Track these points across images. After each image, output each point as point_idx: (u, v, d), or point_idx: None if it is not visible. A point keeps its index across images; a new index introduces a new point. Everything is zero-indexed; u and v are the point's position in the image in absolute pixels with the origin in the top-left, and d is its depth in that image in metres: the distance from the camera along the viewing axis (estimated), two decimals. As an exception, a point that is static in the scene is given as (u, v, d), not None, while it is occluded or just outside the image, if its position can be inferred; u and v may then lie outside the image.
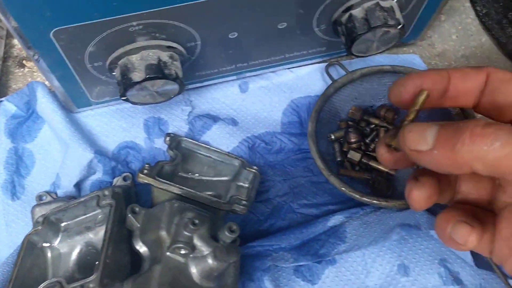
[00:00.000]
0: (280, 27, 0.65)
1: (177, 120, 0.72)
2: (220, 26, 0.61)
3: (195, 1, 0.55)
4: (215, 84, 0.75)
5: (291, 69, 0.77)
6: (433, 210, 0.64)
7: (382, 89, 0.74)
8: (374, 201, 0.61)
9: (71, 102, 0.68)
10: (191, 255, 0.50)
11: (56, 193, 0.68)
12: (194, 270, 0.50)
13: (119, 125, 0.71)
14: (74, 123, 0.69)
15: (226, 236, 0.51)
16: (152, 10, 0.54)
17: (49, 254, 0.59)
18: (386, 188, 0.68)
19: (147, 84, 0.59)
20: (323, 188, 0.70)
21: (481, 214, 0.35)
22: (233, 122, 0.73)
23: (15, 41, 0.77)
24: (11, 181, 0.67)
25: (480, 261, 0.60)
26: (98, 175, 0.68)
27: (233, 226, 0.51)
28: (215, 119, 0.73)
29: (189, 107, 0.73)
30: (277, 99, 0.75)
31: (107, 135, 0.71)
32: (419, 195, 0.34)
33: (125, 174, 0.68)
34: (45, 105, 0.68)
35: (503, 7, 0.82)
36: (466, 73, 0.37)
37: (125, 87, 0.58)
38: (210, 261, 0.50)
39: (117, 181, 0.68)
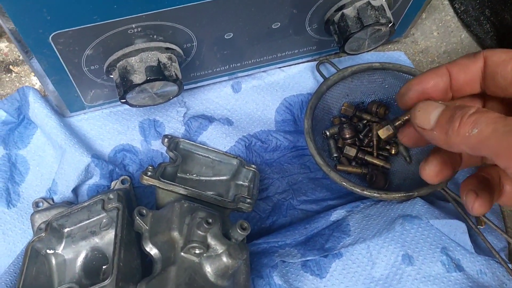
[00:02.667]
0: (274, 27, 0.66)
1: (172, 121, 0.72)
2: (216, 27, 0.62)
3: (193, 3, 0.55)
4: (208, 85, 0.75)
5: (282, 68, 0.78)
6: (432, 201, 0.66)
7: (372, 85, 0.76)
8: (375, 194, 0.63)
9: (64, 107, 0.67)
10: (205, 255, 0.51)
11: (52, 199, 0.66)
12: (209, 269, 0.51)
13: (114, 128, 0.71)
14: (69, 127, 0.68)
15: (239, 233, 0.52)
16: (151, 12, 0.54)
17: (53, 261, 0.58)
18: (383, 181, 0.69)
19: (146, 86, 0.59)
20: (321, 184, 0.71)
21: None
22: (228, 122, 0.74)
23: (1, 45, 0.75)
24: (6, 189, 0.65)
25: (479, 247, 0.63)
26: (95, 179, 0.67)
27: (244, 223, 0.52)
28: (210, 119, 0.73)
29: (184, 108, 0.73)
30: (270, 98, 0.76)
31: (103, 139, 0.70)
32: (429, 171, 0.41)
33: (123, 177, 0.67)
34: (38, 110, 0.67)
35: (480, 4, 0.85)
36: (464, 65, 0.39)
37: (125, 89, 0.58)
38: (224, 259, 0.50)
39: (115, 184, 0.67)
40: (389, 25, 0.65)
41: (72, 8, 0.50)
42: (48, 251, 0.57)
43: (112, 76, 0.61)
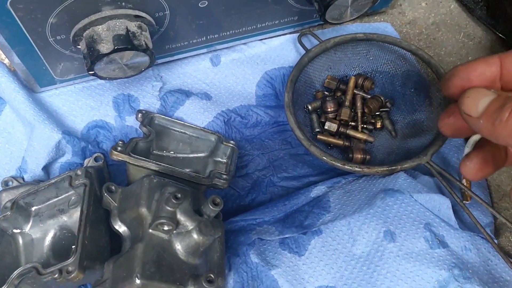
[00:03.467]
0: (252, -6, 0.63)
1: (148, 96, 0.69)
2: (189, -7, 0.59)
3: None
4: (185, 58, 0.72)
5: (263, 41, 0.75)
6: (413, 175, 0.64)
7: (356, 58, 0.73)
8: (356, 169, 0.60)
9: (33, 81, 0.64)
10: (174, 231, 0.48)
11: (23, 178, 0.64)
12: (178, 246, 0.48)
13: (87, 103, 0.68)
14: (38, 103, 0.65)
15: (210, 209, 0.49)
16: (118, -24, 0.51)
17: (20, 241, 0.55)
18: (361, 157, 0.67)
19: (115, 56, 0.56)
20: (302, 160, 0.69)
21: None
22: (207, 96, 0.71)
23: (-33, 19, 0.71)
24: (-27, 168, 0.63)
25: (464, 223, 0.61)
26: (67, 157, 0.64)
27: (216, 199, 0.50)
28: (187, 94, 0.70)
29: (159, 82, 0.70)
30: (250, 71, 0.73)
31: (75, 115, 0.67)
32: (470, 168, 0.40)
33: (96, 154, 0.65)
34: (5, 85, 0.64)
35: (470, -28, 0.82)
36: None
37: (92, 60, 0.55)
38: (195, 236, 0.48)
39: (88, 162, 0.64)
40: (372, -8, 0.62)
41: (30, -30, 0.47)
42: (14, 230, 0.55)
43: (79, 46, 0.58)
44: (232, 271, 0.55)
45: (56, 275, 0.45)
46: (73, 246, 0.56)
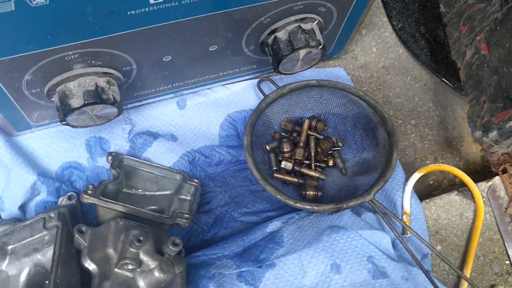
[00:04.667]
0: (212, 49, 0.69)
1: (118, 138, 0.75)
2: (153, 51, 0.65)
3: (127, 31, 0.58)
4: (154, 102, 0.78)
5: (226, 86, 0.81)
6: (358, 212, 0.70)
7: (310, 101, 0.81)
8: (307, 206, 0.67)
9: (10, 126, 0.70)
10: (138, 270, 0.54)
11: (0, 216, 0.68)
12: (142, 283, 0.54)
13: (61, 146, 0.73)
14: (15, 146, 0.70)
15: (171, 249, 0.55)
16: (86, 40, 0.57)
17: (-3, 278, 0.60)
18: (313, 193, 0.73)
19: (86, 109, 0.61)
20: (261, 196, 0.75)
21: None
22: (173, 137, 0.77)
23: (-51, 67, 0.76)
24: (-48, 208, 0.67)
25: (403, 256, 0.67)
26: (42, 196, 0.70)
27: (176, 240, 0.55)
28: (155, 135, 0.76)
29: (129, 125, 0.76)
30: (214, 114, 0.80)
31: (50, 156, 0.72)
32: None
33: (69, 193, 0.70)
34: (-16, 130, 0.69)
35: (416, 22, 0.90)
36: None
37: (64, 113, 0.61)
38: (156, 274, 0.53)
39: (62, 200, 0.69)
40: (319, 47, 0.69)
41: (6, 38, 0.52)
42: (-9, 268, 0.60)
43: (53, 99, 0.63)
44: (193, 303, 0.61)
45: (30, 312, 0.50)
46: (46, 282, 0.61)
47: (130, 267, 0.53)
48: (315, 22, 0.69)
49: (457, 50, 0.78)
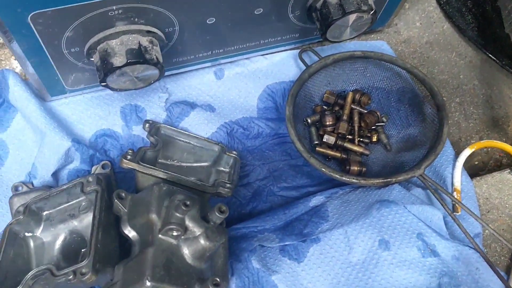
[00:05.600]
0: (257, 13, 0.66)
1: (154, 107, 0.72)
2: (198, 11, 0.61)
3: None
4: (190, 71, 0.75)
5: (265, 56, 0.78)
6: (406, 188, 0.67)
7: (353, 74, 0.77)
8: (354, 180, 0.63)
9: (45, 90, 0.67)
10: (183, 237, 0.51)
11: (32, 183, 0.66)
12: (186, 251, 0.51)
13: (95, 113, 0.70)
14: (49, 111, 0.68)
15: (217, 216, 0.52)
16: (132, -6, 0.54)
17: (31, 244, 0.57)
18: (358, 169, 0.70)
19: (127, 69, 0.59)
20: (301, 171, 0.72)
21: None
22: (210, 108, 0.74)
23: (-20, 29, 0.74)
24: (-15, 173, 0.65)
25: (454, 234, 0.64)
26: (75, 164, 0.67)
27: (222, 207, 0.52)
28: (192, 105, 0.73)
29: (165, 94, 0.73)
30: (252, 85, 0.76)
31: (84, 123, 0.70)
32: None
33: (103, 162, 0.67)
34: (18, 93, 0.66)
35: (463, -5, 0.86)
36: None
37: (105, 72, 0.58)
38: (202, 241, 0.50)
39: (96, 169, 0.67)
40: (371, 13, 0.65)
41: (50, -13, 0.50)
42: (26, 234, 0.57)
43: (92, 59, 0.60)
44: (235, 276, 0.58)
45: (71, 277, 0.48)
46: (82, 250, 0.58)
47: (175, 233, 0.50)
48: (365, -13, 0.65)
49: (510, 23, 0.74)
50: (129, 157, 0.59)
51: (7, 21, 0.52)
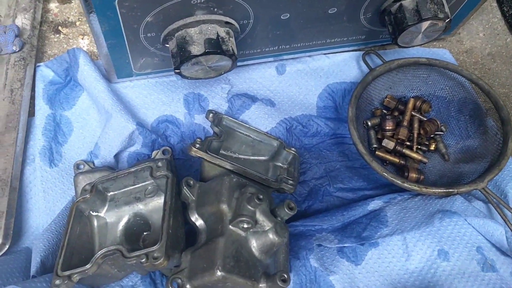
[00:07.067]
0: (330, 12, 0.66)
1: (217, 97, 0.72)
2: (276, 5, 0.61)
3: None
4: (253, 64, 0.75)
5: (327, 55, 0.78)
6: (468, 199, 0.66)
7: (415, 80, 0.76)
8: (415, 188, 0.63)
9: (113, 72, 0.68)
10: (252, 230, 0.51)
11: (93, 162, 0.67)
12: (254, 244, 0.51)
13: (158, 98, 0.71)
14: (115, 93, 0.68)
15: (285, 213, 0.52)
16: (217, -16, 0.54)
17: (95, 223, 0.58)
18: (416, 176, 0.69)
19: (202, 58, 0.59)
20: (358, 173, 0.71)
21: None
22: (271, 103, 0.74)
23: (51, 6, 0.75)
24: (49, 148, 0.66)
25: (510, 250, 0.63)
26: (136, 147, 0.67)
27: (291, 203, 0.52)
28: (253, 99, 0.73)
29: (228, 85, 0.73)
30: (313, 83, 0.76)
31: (147, 108, 0.70)
32: None
33: (164, 147, 0.68)
34: (87, 73, 0.67)
35: (530, 9, 0.85)
36: None
37: (182, 59, 0.58)
38: (271, 236, 0.51)
39: (156, 154, 0.67)
40: (446, 21, 0.64)
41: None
42: (91, 212, 0.58)
43: (168, 45, 0.61)
44: (292, 273, 0.58)
45: (143, 260, 0.48)
46: (144, 233, 0.59)
47: (245, 225, 0.51)
48: (444, -6, 0.65)
49: None
50: (198, 145, 0.59)
51: (96, 2, 0.53)
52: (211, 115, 0.68)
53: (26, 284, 0.49)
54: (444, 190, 0.63)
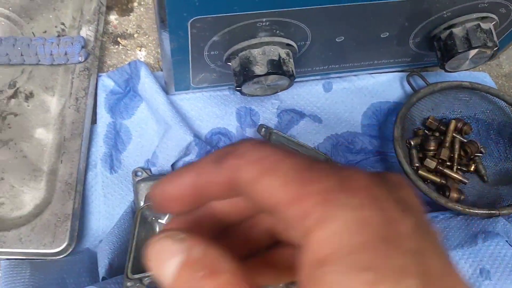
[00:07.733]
0: (383, 36, 0.69)
1: (267, 112, 0.75)
2: (333, 29, 0.65)
3: (320, 6, 0.58)
4: (301, 81, 0.78)
5: (372, 75, 0.81)
6: (508, 221, 0.69)
7: (456, 103, 0.79)
8: (458, 207, 0.66)
9: (172, 85, 0.71)
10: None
11: (150, 170, 0.70)
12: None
13: (212, 111, 0.74)
14: (174, 105, 0.72)
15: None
16: (284, 9, 0.58)
17: (157, 229, 0.62)
18: (457, 196, 0.72)
19: (263, 78, 0.62)
20: (400, 190, 0.74)
21: None
22: (318, 119, 0.77)
23: (111, 17, 0.78)
24: (110, 155, 0.70)
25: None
26: (191, 157, 0.71)
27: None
28: (301, 114, 0.76)
29: (277, 101, 0.76)
30: (358, 101, 0.79)
31: (201, 120, 0.74)
32: None
33: (217, 159, 0.71)
34: (148, 85, 0.70)
35: None
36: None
37: (244, 78, 0.62)
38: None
39: (210, 164, 0.70)
40: (494, 49, 0.67)
41: (218, -2, 0.53)
42: (153, 218, 0.61)
43: (230, 63, 0.64)
44: None
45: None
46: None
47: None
48: (493, 23, 0.68)
49: None
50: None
51: (171, 22, 0.56)
52: (263, 129, 0.72)
53: (101, 285, 0.53)
54: (487, 212, 0.66)
